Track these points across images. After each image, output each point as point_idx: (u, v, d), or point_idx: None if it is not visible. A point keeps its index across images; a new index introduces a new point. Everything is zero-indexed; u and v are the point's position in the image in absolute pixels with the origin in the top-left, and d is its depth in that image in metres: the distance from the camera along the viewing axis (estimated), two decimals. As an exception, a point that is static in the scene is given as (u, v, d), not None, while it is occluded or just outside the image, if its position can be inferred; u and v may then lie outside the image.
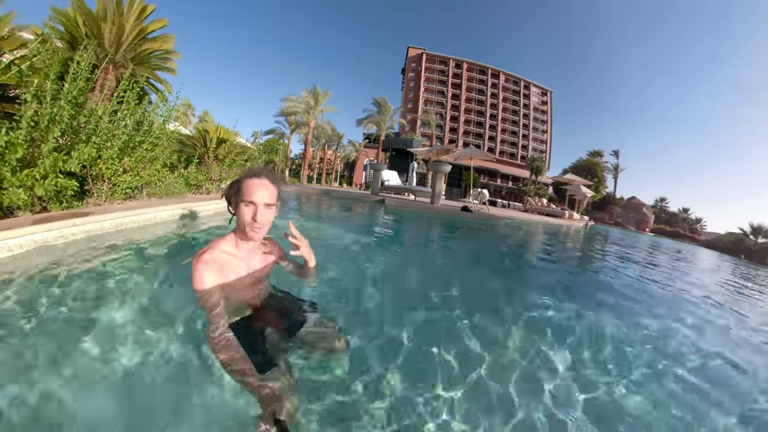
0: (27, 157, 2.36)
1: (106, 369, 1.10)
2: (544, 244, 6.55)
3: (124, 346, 1.20)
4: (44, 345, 1.17)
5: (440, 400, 1.19)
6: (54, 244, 2.14)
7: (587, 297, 2.93)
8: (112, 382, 1.05)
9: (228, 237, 1.30)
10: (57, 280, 1.63)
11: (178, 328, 1.34)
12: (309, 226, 4.27)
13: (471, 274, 2.98)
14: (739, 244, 32.68)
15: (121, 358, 1.14)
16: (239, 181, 1.27)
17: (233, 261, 1.27)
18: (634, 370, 1.61)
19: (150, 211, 3.06)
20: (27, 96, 2.14)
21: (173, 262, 2.18)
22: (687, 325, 2.44)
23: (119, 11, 6.31)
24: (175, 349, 1.23)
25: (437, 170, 9.28)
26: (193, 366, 1.16)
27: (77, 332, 1.24)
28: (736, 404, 1.48)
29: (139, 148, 3.40)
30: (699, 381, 1.61)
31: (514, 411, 1.21)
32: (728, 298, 4.05)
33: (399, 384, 1.24)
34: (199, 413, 0.99)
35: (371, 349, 1.43)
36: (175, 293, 1.67)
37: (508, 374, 1.41)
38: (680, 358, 1.85)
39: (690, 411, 1.38)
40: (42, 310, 1.36)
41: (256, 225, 1.21)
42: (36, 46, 2.54)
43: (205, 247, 1.25)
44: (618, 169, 50.33)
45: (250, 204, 1.20)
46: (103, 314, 1.37)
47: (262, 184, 1.22)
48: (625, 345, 1.87)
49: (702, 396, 1.50)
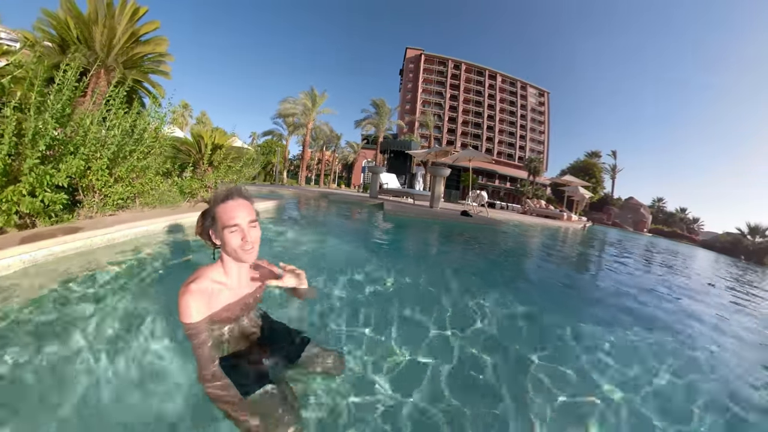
0: (11, 172, 2.25)
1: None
2: (545, 249, 6.48)
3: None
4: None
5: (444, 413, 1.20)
6: (44, 262, 2.04)
7: (604, 311, 2.85)
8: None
9: (216, 265, 1.24)
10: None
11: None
12: (305, 239, 4.16)
13: (472, 288, 2.89)
14: (736, 245, 32.84)
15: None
16: (210, 210, 1.21)
17: (222, 290, 1.21)
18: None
19: (142, 225, 2.95)
20: (7, 110, 2.02)
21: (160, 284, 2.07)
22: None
23: (111, 13, 6.15)
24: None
25: (436, 174, 9.20)
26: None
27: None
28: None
29: (130, 157, 3.29)
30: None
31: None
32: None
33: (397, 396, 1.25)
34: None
35: (368, 368, 1.41)
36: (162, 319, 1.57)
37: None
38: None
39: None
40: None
41: (248, 246, 1.16)
42: (18, 58, 2.43)
43: (192, 276, 1.18)
44: (615, 170, 50.45)
45: (235, 228, 1.15)
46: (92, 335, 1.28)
47: (239, 205, 1.18)
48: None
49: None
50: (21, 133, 2.24)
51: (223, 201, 1.19)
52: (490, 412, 1.29)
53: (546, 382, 1.53)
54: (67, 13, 5.89)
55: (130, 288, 1.89)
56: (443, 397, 1.33)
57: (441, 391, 1.36)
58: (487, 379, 1.49)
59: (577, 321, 2.34)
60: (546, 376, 1.57)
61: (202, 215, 1.28)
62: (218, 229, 1.18)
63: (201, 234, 1.30)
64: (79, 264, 2.11)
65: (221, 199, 1.19)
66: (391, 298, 2.30)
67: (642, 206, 43.69)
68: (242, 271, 1.28)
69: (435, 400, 1.29)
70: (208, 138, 5.25)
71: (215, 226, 1.20)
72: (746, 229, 34.80)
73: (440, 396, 1.33)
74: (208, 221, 1.23)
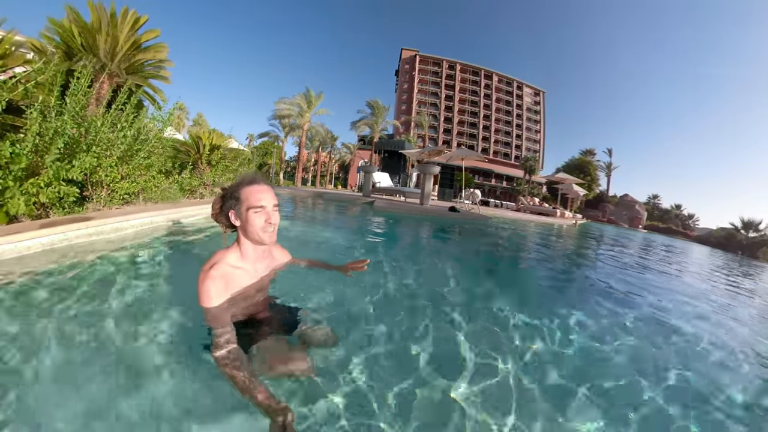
0: (32, 166, 2.57)
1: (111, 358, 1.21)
2: (522, 241, 6.79)
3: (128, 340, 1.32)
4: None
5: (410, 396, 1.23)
6: (60, 246, 2.36)
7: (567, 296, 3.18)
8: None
9: (232, 249, 1.30)
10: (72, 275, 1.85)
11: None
12: (295, 228, 4.49)
13: (443, 270, 3.22)
14: (730, 239, 33.16)
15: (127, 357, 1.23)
16: (236, 191, 1.28)
17: (241, 275, 1.28)
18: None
19: (146, 215, 3.28)
20: (33, 112, 2.35)
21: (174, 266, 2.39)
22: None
23: (113, 22, 6.53)
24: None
25: (425, 171, 9.52)
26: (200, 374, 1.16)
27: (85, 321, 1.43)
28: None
29: (137, 156, 3.62)
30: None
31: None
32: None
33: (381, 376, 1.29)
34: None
35: (359, 348, 1.47)
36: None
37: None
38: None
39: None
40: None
41: (270, 228, 1.25)
42: (41, 66, 2.76)
43: (210, 261, 1.24)
44: (611, 168, 50.88)
45: (260, 209, 1.23)
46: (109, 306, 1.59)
47: (265, 189, 1.27)
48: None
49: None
50: (41, 132, 2.56)
51: (249, 184, 1.26)
52: (430, 374, 1.37)
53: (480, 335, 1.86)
54: (72, 22, 6.24)
55: (139, 267, 2.20)
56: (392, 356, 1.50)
57: (400, 352, 1.51)
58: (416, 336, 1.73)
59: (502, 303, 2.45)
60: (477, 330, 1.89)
61: (222, 197, 1.33)
62: (242, 209, 1.24)
63: (218, 215, 1.34)
64: (92, 247, 2.43)
65: (248, 182, 1.27)
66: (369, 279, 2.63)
67: (637, 203, 44.10)
68: (259, 253, 1.34)
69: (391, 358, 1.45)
70: (206, 139, 5.58)
71: (239, 207, 1.25)
72: (740, 223, 35.15)
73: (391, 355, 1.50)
74: (230, 202, 1.28)
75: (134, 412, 0.99)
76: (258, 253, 1.34)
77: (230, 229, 1.36)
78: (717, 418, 1.36)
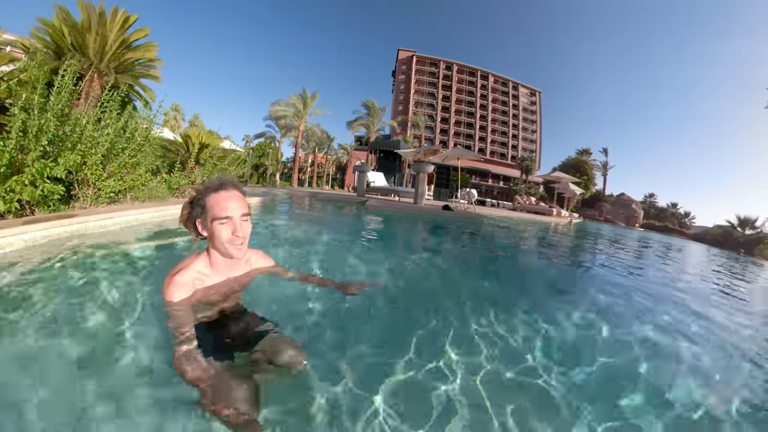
0: (15, 164, 2.58)
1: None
2: (512, 239, 6.82)
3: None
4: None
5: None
6: (41, 243, 2.36)
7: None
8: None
9: (202, 256, 1.20)
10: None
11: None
12: (280, 224, 4.51)
13: (425, 268, 3.24)
14: (727, 237, 33.17)
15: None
16: (201, 198, 1.14)
17: (206, 282, 1.18)
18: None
19: (131, 214, 3.29)
20: (15, 109, 2.36)
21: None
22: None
23: (102, 22, 6.54)
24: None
25: (419, 170, 9.55)
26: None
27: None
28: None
29: (122, 155, 3.63)
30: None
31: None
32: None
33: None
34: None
35: (333, 367, 1.27)
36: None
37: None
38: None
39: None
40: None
41: (238, 241, 1.11)
42: (24, 63, 2.77)
43: (177, 267, 1.16)
44: (607, 167, 51.09)
45: (226, 220, 1.09)
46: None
47: (232, 196, 1.13)
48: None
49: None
50: (25, 130, 2.57)
51: (215, 190, 1.12)
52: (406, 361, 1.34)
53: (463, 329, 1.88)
54: (62, 21, 6.26)
55: (117, 266, 2.21)
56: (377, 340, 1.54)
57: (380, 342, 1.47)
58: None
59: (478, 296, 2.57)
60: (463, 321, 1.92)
61: (190, 203, 1.19)
62: (207, 219, 1.11)
63: (186, 223, 1.21)
64: (73, 244, 2.43)
65: (214, 188, 1.13)
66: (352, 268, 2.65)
67: (634, 202, 44.21)
68: (230, 263, 1.22)
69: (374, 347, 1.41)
70: (195, 138, 5.60)
71: (204, 216, 1.13)
72: (736, 221, 35.23)
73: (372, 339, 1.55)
74: (196, 210, 1.15)
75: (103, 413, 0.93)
76: (229, 262, 1.22)
77: (200, 237, 1.21)
78: (717, 418, 1.32)
